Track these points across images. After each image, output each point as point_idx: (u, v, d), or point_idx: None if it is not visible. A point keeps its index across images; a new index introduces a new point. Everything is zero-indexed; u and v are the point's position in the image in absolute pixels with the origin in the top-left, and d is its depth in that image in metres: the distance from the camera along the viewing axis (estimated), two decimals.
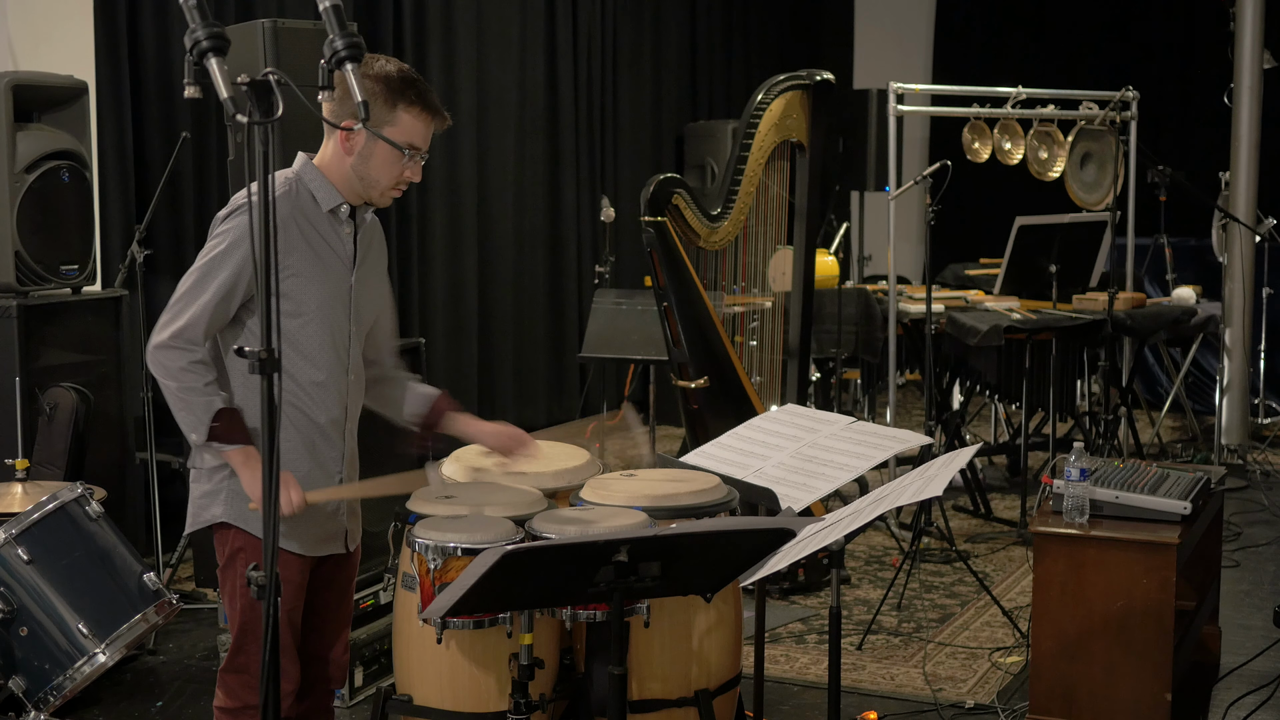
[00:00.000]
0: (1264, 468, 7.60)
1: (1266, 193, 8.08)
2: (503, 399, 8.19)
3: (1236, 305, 7.85)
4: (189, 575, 5.51)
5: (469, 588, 2.40)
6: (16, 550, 3.71)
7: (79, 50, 5.64)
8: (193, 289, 2.88)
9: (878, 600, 5.29)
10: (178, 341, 2.86)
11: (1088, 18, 10.63)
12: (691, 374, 5.19)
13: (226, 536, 3.00)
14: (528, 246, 8.36)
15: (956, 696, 4.44)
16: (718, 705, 3.29)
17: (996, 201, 8.78)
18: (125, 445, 5.35)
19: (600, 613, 3.10)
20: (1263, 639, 4.87)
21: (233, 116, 2.29)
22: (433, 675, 3.15)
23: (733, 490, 3.35)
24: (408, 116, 2.92)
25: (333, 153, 2.98)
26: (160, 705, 4.41)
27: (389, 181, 2.97)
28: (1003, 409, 7.67)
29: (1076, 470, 3.94)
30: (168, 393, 2.89)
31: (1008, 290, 7.06)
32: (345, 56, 2.50)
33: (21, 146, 4.94)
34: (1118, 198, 7.29)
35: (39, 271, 4.99)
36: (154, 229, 5.68)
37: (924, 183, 5.72)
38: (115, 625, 3.76)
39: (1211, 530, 4.57)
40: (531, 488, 3.38)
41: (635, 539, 2.46)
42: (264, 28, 4.50)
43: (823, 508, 4.43)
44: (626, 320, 6.20)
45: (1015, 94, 7.06)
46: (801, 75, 5.32)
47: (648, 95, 9.37)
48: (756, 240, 5.35)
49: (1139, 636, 3.85)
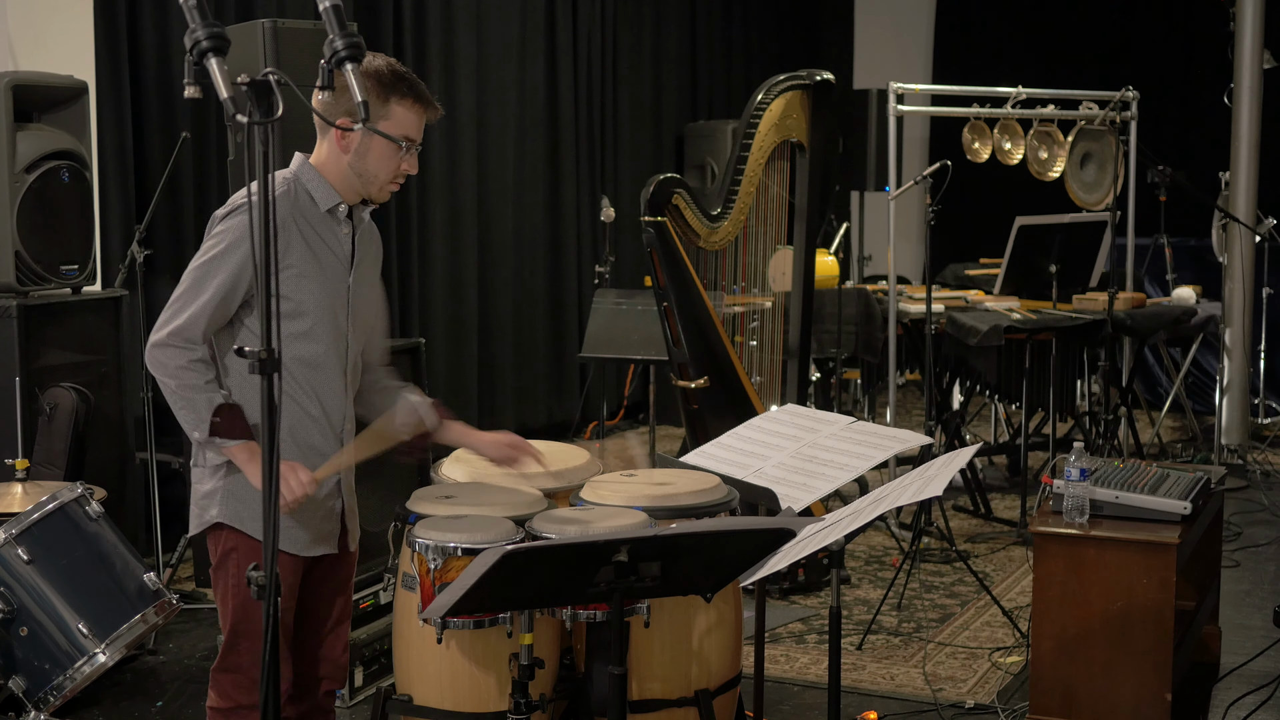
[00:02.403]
0: (1264, 468, 7.60)
1: (1266, 193, 8.08)
2: (503, 399, 8.18)
3: (1236, 305, 7.85)
4: (189, 575, 5.51)
5: (469, 588, 2.40)
6: (16, 550, 3.70)
7: (79, 50, 5.64)
8: (191, 289, 2.88)
9: (878, 600, 5.29)
10: (176, 340, 2.87)
11: (1088, 17, 10.63)
12: (691, 374, 5.19)
13: (219, 537, 3.01)
14: (528, 246, 8.36)
15: (956, 696, 4.44)
16: (718, 705, 3.29)
17: (996, 201, 8.78)
18: (125, 445, 5.35)
19: (600, 613, 3.10)
20: (1263, 639, 4.87)
21: (233, 116, 2.29)
22: (433, 675, 3.15)
23: (733, 490, 3.35)
24: (400, 109, 2.94)
25: (329, 152, 2.99)
26: (160, 705, 4.41)
27: (387, 175, 2.99)
28: (1003, 409, 7.67)
29: (1076, 470, 3.94)
30: (167, 391, 2.89)
31: (1008, 290, 7.06)
32: (345, 56, 2.50)
33: (21, 146, 4.94)
34: (1118, 198, 7.28)
35: (39, 271, 4.99)
36: (154, 229, 5.68)
37: (924, 183, 5.72)
38: (115, 625, 3.76)
39: (1211, 530, 4.57)
40: (531, 488, 3.38)
41: (635, 539, 2.46)
42: (264, 28, 4.50)
43: (823, 508, 4.43)
44: (626, 320, 6.20)
45: (1015, 94, 7.07)
46: (801, 75, 5.32)
47: (648, 95, 9.37)
48: (756, 240, 5.35)
49: (1139, 636, 3.85)
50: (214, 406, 2.85)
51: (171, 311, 2.89)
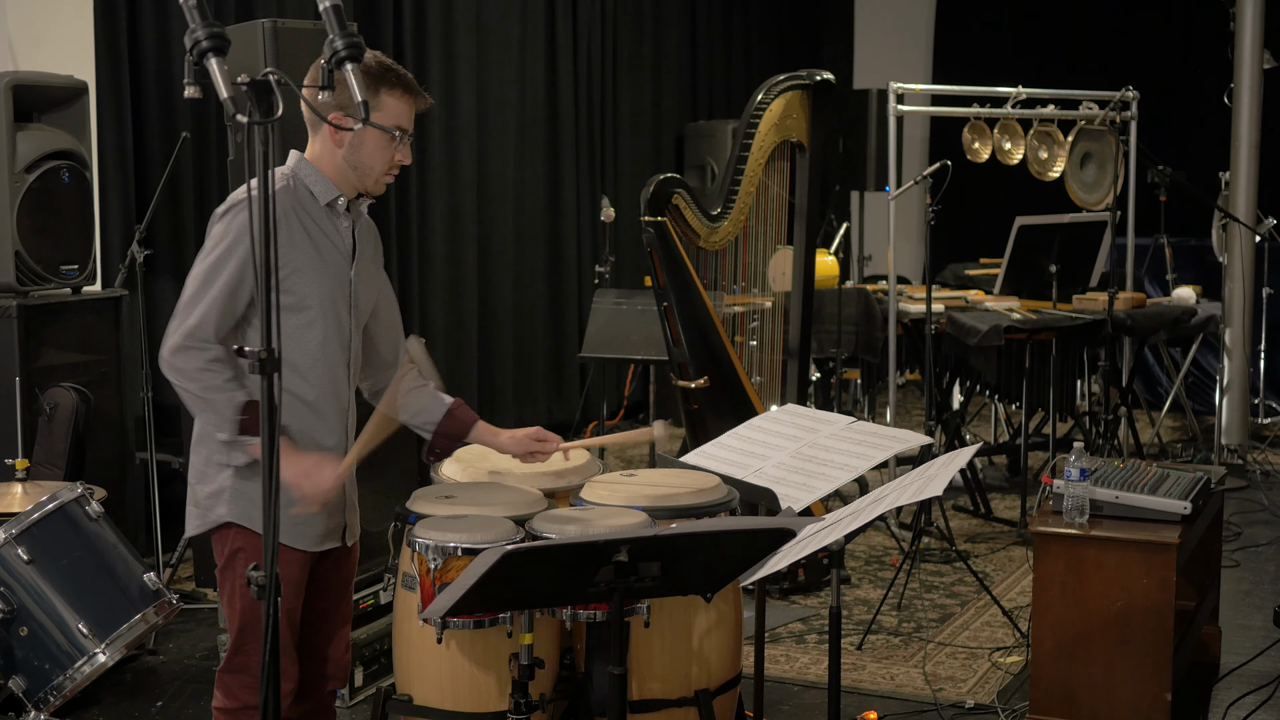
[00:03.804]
0: (1264, 468, 7.60)
1: (1266, 193, 8.08)
2: (503, 399, 8.18)
3: (1236, 305, 7.85)
4: (189, 575, 5.51)
5: (469, 588, 2.40)
6: (16, 550, 3.71)
7: (79, 50, 5.64)
8: (199, 290, 2.88)
9: (878, 600, 5.29)
10: (191, 341, 2.86)
11: (1088, 17, 10.63)
12: (691, 374, 5.19)
13: (226, 536, 3.00)
14: (528, 246, 8.36)
15: (956, 696, 4.44)
16: (718, 705, 3.29)
17: (996, 201, 8.78)
18: (125, 445, 5.35)
19: (600, 613, 3.10)
20: (1263, 639, 4.87)
21: (233, 116, 2.30)
22: (433, 675, 3.15)
23: (733, 490, 3.35)
24: (391, 99, 2.96)
25: (323, 147, 3.00)
26: (160, 705, 4.41)
27: (382, 167, 3.01)
28: (1003, 409, 7.67)
29: (1076, 470, 3.94)
30: (188, 396, 2.88)
31: (1008, 290, 7.06)
32: (345, 56, 2.50)
33: (21, 146, 4.94)
34: (1118, 198, 7.28)
35: (39, 271, 4.99)
36: (154, 229, 5.68)
37: (924, 183, 5.72)
38: (115, 625, 3.76)
39: (1211, 530, 4.57)
40: (531, 488, 3.38)
41: (635, 539, 2.46)
42: (264, 28, 4.50)
43: (823, 508, 4.43)
44: (626, 320, 6.20)
45: (1015, 94, 7.06)
46: (801, 75, 5.32)
47: (648, 95, 9.37)
48: (756, 240, 5.35)
49: (1139, 636, 3.85)
50: (237, 405, 2.85)
51: (181, 316, 2.88)
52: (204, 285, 2.87)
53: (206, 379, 2.85)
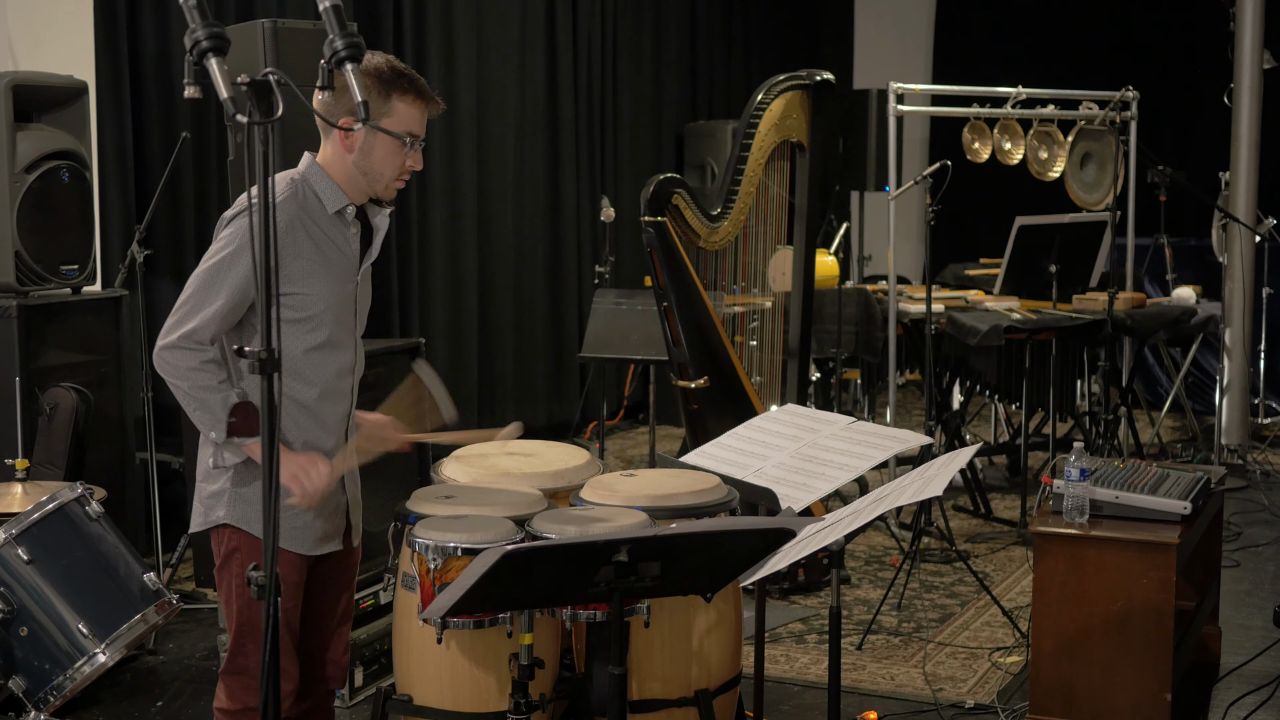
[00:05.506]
0: (1264, 468, 7.60)
1: (1266, 193, 8.08)
2: (503, 399, 8.18)
3: (1236, 305, 7.84)
4: (189, 575, 5.51)
5: (469, 588, 2.40)
6: (16, 550, 3.71)
7: (79, 50, 5.64)
8: (200, 292, 2.88)
9: (878, 600, 5.29)
10: (187, 343, 2.86)
11: (1088, 17, 10.62)
12: (691, 374, 5.19)
13: (223, 536, 3.01)
14: (528, 246, 8.36)
15: (956, 696, 4.44)
16: (718, 705, 3.29)
17: (996, 201, 8.78)
18: (125, 445, 5.35)
19: (600, 613, 3.10)
20: (1263, 639, 4.87)
21: (233, 116, 2.29)
22: (433, 675, 3.14)
23: (733, 490, 3.35)
24: (402, 105, 2.95)
25: (333, 152, 2.99)
26: (160, 705, 4.41)
27: (393, 173, 3.00)
28: (1003, 409, 7.67)
29: (1076, 470, 3.94)
30: (179, 393, 2.89)
31: (1008, 290, 7.06)
32: (345, 56, 2.50)
33: (21, 146, 4.94)
34: (1118, 198, 7.28)
35: (39, 271, 4.99)
36: (154, 229, 5.68)
37: (924, 183, 5.72)
38: (115, 625, 3.76)
39: (1211, 530, 4.57)
40: (531, 488, 3.38)
41: (635, 539, 2.46)
42: (264, 28, 4.50)
43: (823, 508, 4.43)
44: (626, 320, 6.20)
45: (1015, 94, 7.07)
46: (801, 75, 5.32)
47: (648, 95, 9.37)
48: (756, 240, 5.35)
49: (1139, 636, 3.85)
50: (229, 406, 2.85)
51: (180, 315, 2.88)
52: (206, 288, 2.87)
53: (198, 379, 2.86)
